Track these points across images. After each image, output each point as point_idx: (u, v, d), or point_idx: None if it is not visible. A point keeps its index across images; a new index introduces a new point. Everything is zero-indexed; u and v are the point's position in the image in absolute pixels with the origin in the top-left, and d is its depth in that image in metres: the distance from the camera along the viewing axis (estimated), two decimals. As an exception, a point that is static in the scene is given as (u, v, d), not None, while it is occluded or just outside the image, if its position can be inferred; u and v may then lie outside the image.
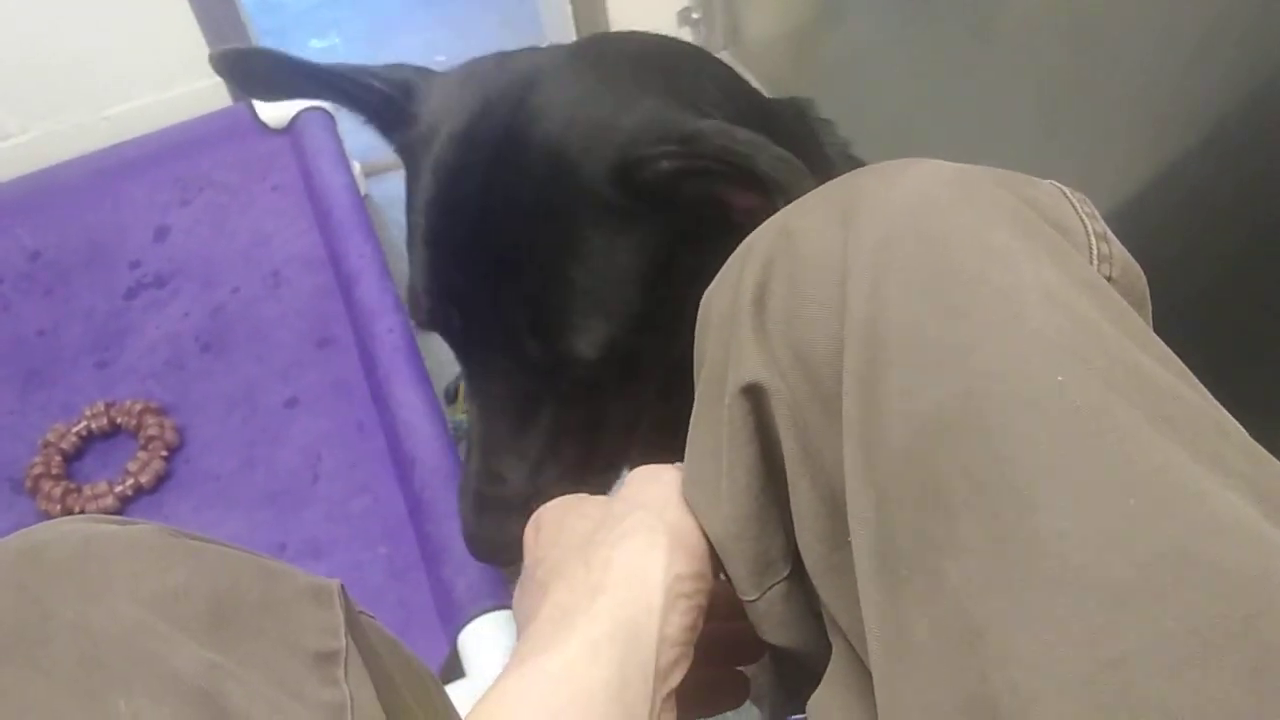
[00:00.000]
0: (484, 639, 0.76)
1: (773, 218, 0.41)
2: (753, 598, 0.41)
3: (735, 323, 0.39)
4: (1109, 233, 0.38)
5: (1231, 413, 0.33)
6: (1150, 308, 0.40)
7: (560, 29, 1.52)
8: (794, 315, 0.37)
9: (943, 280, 0.33)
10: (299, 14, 1.99)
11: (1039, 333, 0.31)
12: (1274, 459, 0.30)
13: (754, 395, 0.38)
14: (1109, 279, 0.37)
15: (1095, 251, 0.38)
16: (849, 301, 0.35)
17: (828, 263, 0.37)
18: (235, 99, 1.37)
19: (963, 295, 0.32)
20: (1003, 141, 1.02)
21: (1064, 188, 0.40)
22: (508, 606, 0.79)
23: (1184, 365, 0.33)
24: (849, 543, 0.33)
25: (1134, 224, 0.90)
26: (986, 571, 0.28)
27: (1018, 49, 0.98)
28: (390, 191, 1.49)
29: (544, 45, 0.64)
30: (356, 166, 1.41)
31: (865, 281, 0.34)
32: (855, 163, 0.72)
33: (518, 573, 0.48)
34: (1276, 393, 0.82)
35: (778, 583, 0.41)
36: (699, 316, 0.43)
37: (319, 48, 1.89)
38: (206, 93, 1.37)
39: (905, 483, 0.31)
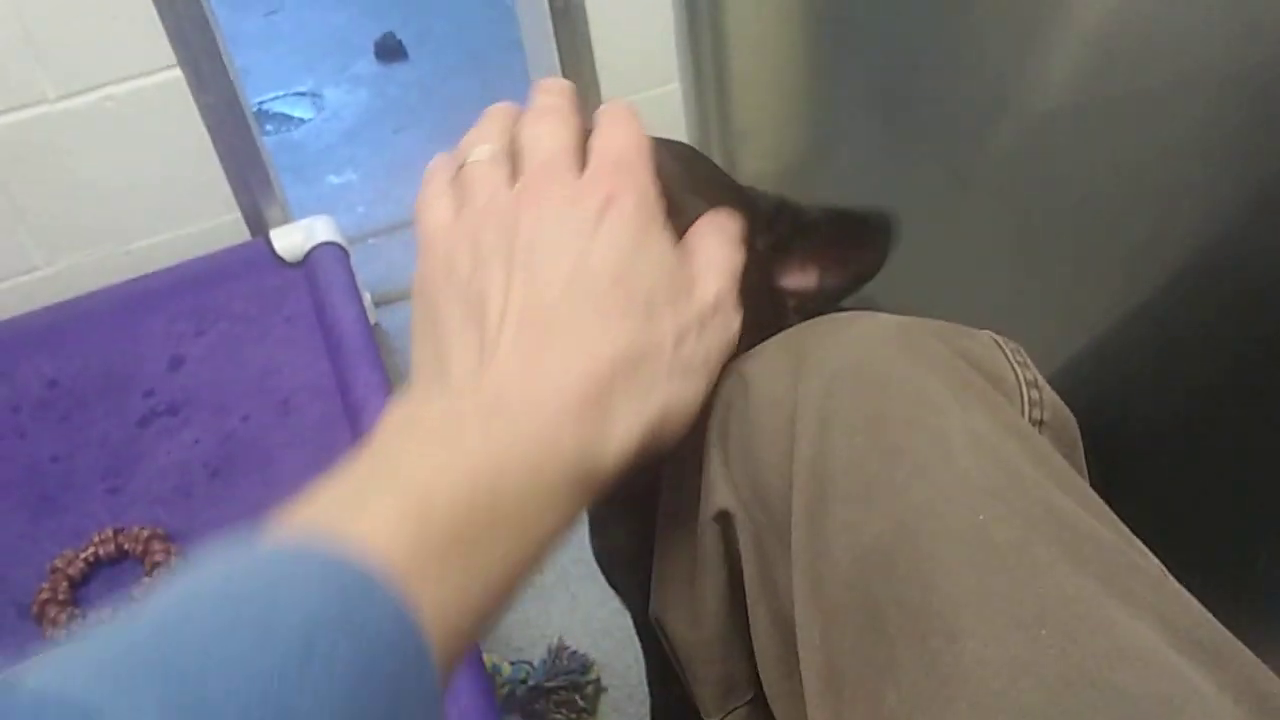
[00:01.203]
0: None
1: (730, 364, 0.44)
2: (716, 719, 0.43)
3: (708, 456, 0.42)
4: (1040, 380, 0.42)
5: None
6: (1082, 449, 0.43)
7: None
8: (750, 452, 0.40)
9: (882, 423, 0.36)
10: (317, 152, 2.08)
11: (965, 474, 0.34)
12: (1184, 593, 0.33)
13: (723, 522, 0.41)
14: (1040, 423, 0.40)
15: (1026, 398, 0.41)
16: (798, 441, 0.38)
17: (779, 406, 0.40)
18: (254, 234, 1.43)
19: (899, 437, 0.36)
20: (984, 281, 1.06)
21: (999, 338, 0.43)
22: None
23: (1104, 506, 0.36)
24: (799, 670, 0.36)
25: (1109, 358, 0.93)
26: (917, 696, 0.31)
27: (996, 193, 1.03)
28: (400, 320, 1.54)
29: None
30: (368, 296, 1.46)
31: (812, 423, 0.38)
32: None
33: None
34: (1255, 517, 0.84)
35: (740, 706, 0.43)
36: (676, 449, 0.46)
37: (336, 183, 1.97)
38: (226, 227, 1.43)
39: (848, 610, 0.34)
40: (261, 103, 2.27)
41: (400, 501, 0.32)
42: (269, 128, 2.18)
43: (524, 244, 0.36)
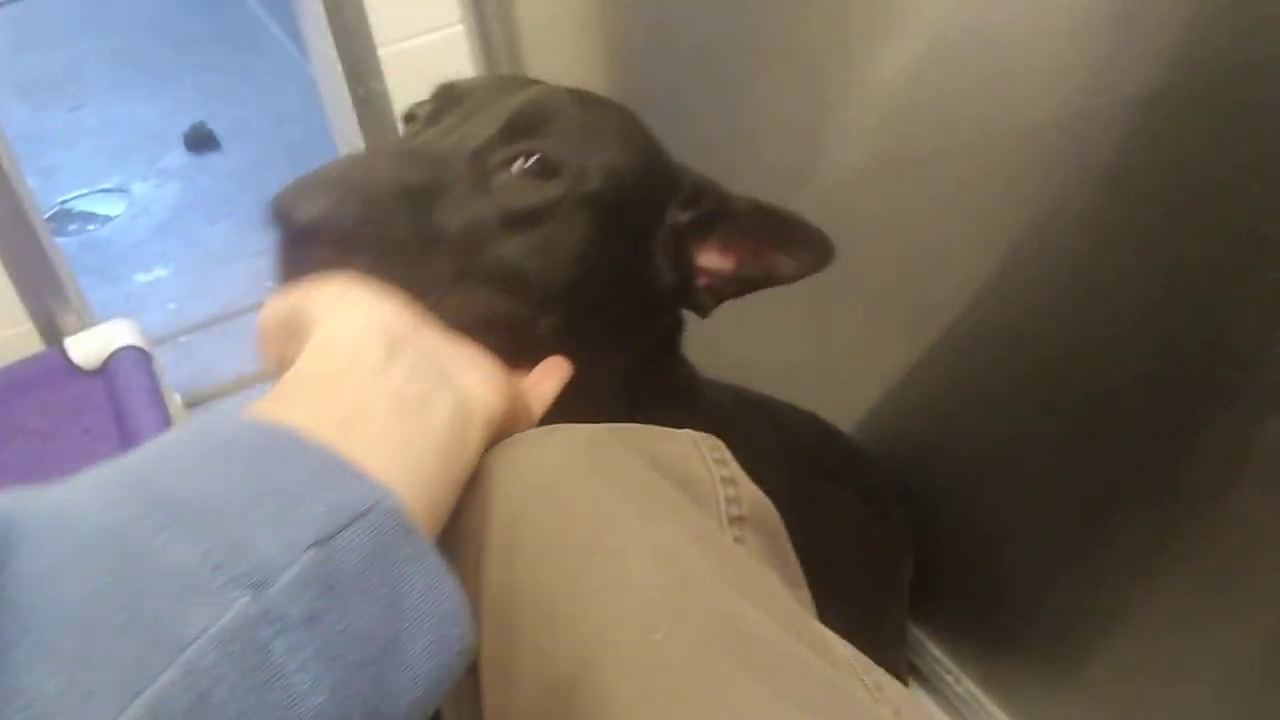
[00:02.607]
0: None
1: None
2: None
3: None
4: (739, 475, 0.42)
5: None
6: (785, 534, 0.44)
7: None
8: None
9: (562, 550, 0.37)
10: (125, 249, 2.00)
11: (643, 592, 0.34)
12: (853, 692, 0.33)
13: None
14: (740, 518, 0.41)
15: (721, 496, 0.41)
16: (484, 574, 0.38)
17: (469, 541, 0.40)
18: (48, 344, 1.36)
19: (579, 562, 0.36)
20: (783, 340, 1.09)
21: (698, 437, 0.44)
22: None
23: (792, 603, 0.36)
24: None
25: (902, 408, 0.97)
26: None
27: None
28: (214, 422, 1.48)
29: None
30: (177, 398, 1.40)
31: (498, 555, 0.38)
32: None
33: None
34: (1043, 560, 0.88)
35: None
36: None
37: (145, 281, 1.89)
38: (19, 338, 1.35)
39: None
40: (65, 201, 2.18)
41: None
42: (72, 227, 2.09)
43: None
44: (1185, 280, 0.64)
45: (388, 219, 0.48)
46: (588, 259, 0.55)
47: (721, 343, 1.19)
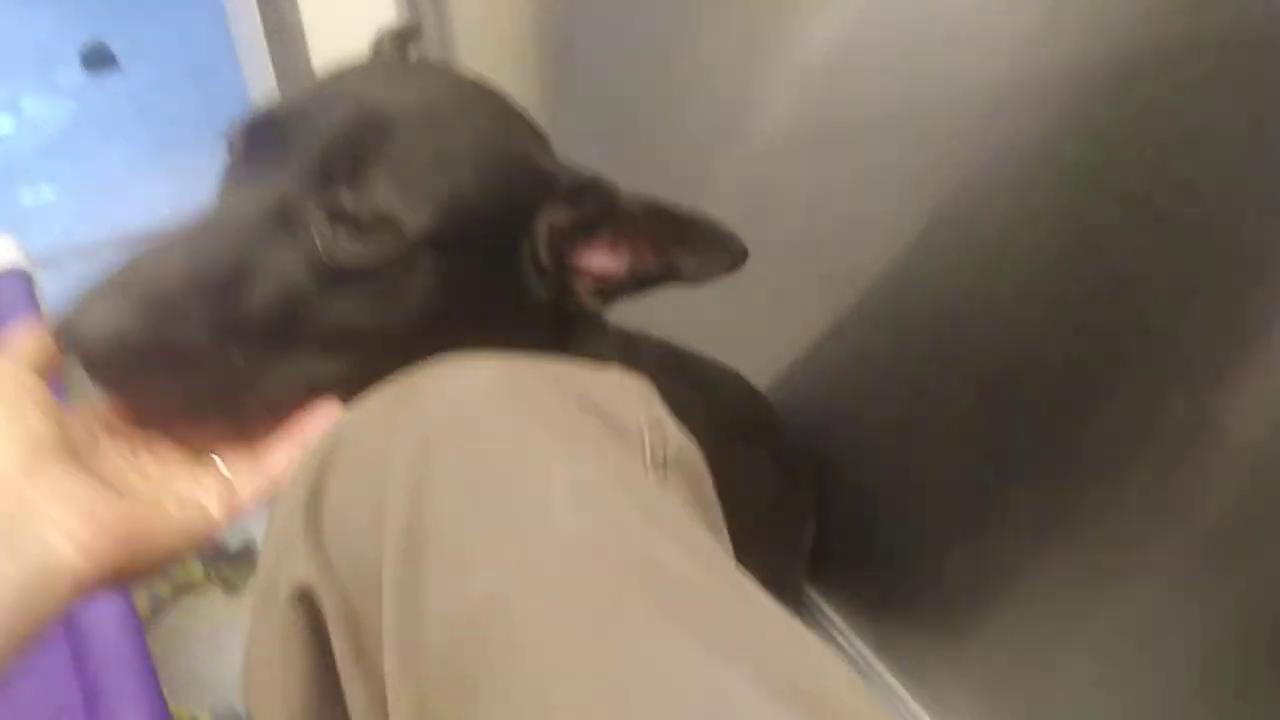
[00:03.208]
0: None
1: (330, 425, 0.41)
2: None
3: (289, 526, 0.39)
4: (665, 418, 0.41)
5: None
6: (711, 480, 0.43)
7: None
8: (343, 518, 0.37)
9: (479, 482, 0.34)
10: (11, 166, 1.89)
11: (561, 533, 0.32)
12: (793, 640, 0.32)
13: (305, 599, 0.38)
14: (664, 461, 0.39)
15: (647, 439, 0.39)
16: (390, 502, 0.35)
17: (376, 464, 0.37)
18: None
19: (496, 495, 0.34)
20: (695, 302, 1.08)
21: (627, 378, 0.42)
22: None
23: (715, 546, 0.35)
24: None
25: (812, 373, 0.97)
26: None
27: (720, 216, 1.05)
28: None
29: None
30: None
31: (406, 483, 0.35)
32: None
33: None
34: (940, 526, 0.89)
35: None
36: (265, 527, 0.43)
37: (30, 201, 1.79)
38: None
39: (440, 688, 0.31)
40: (-54, 112, 2.05)
41: None
42: (-47, 140, 1.97)
43: None
44: (1103, 256, 0.65)
45: (180, 324, 0.44)
46: (432, 300, 0.50)
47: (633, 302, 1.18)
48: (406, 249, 0.48)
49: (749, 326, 1.05)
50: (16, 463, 0.38)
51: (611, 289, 0.58)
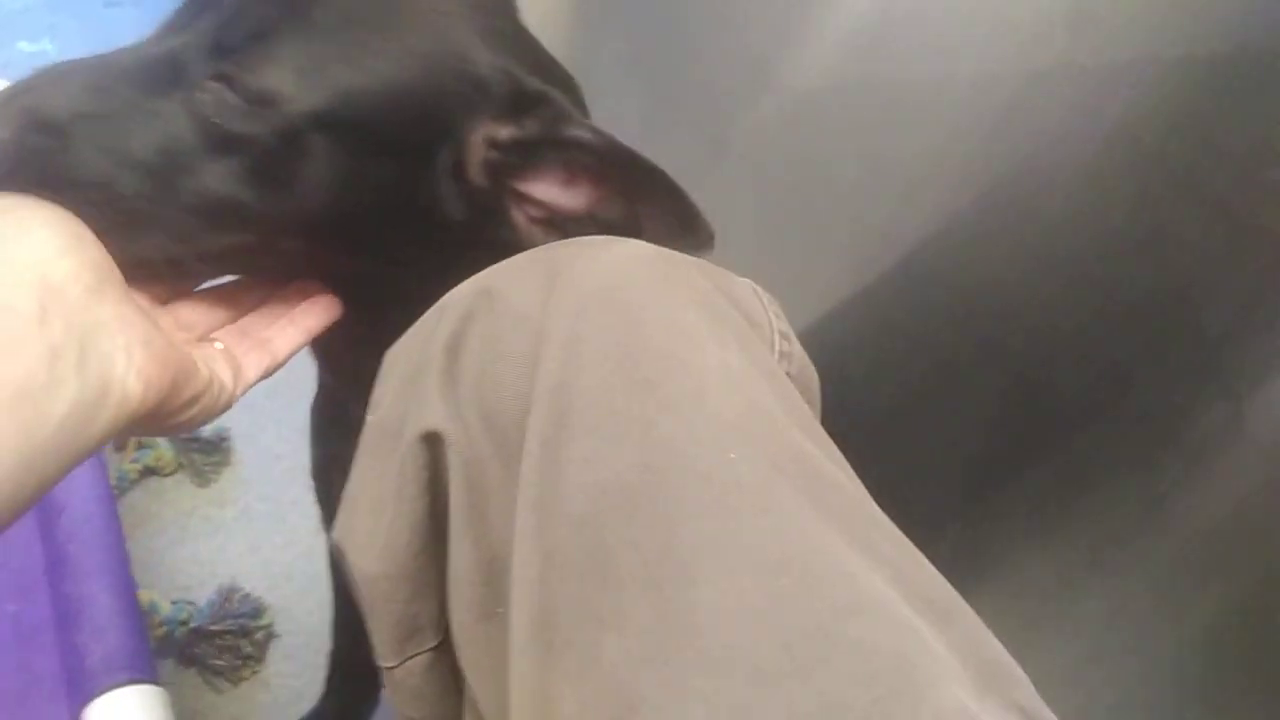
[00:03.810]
0: (113, 716, 0.68)
1: (473, 279, 0.40)
2: (391, 664, 0.39)
3: (422, 372, 0.38)
4: (791, 334, 0.41)
5: (899, 517, 0.35)
6: (820, 407, 0.43)
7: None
8: (485, 371, 0.36)
9: (633, 353, 0.33)
10: (9, 14, 1.82)
11: (717, 412, 0.32)
12: (915, 549, 0.32)
13: (432, 445, 0.37)
14: (787, 375, 0.39)
15: (777, 348, 0.39)
16: (541, 364, 0.34)
17: (526, 324, 0.36)
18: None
19: (651, 369, 0.33)
20: (721, 250, 1.07)
21: (756, 287, 0.42)
22: (146, 681, 0.71)
23: (844, 459, 0.35)
24: (498, 614, 0.33)
25: (830, 339, 0.96)
26: (644, 646, 0.28)
27: (748, 166, 1.03)
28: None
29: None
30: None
31: (560, 346, 0.34)
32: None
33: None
34: (939, 505, 0.89)
35: (421, 653, 0.39)
36: (382, 368, 0.41)
37: (28, 50, 1.73)
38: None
39: (575, 551, 0.31)
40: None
41: None
42: (-49, -21, 1.89)
43: None
44: (1171, 256, 0.64)
45: (65, 149, 0.44)
46: (321, 189, 0.48)
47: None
48: (287, 125, 0.46)
49: (763, 285, 1.04)
50: (85, 283, 0.38)
51: (561, 223, 0.52)
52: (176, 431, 0.44)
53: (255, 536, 1.10)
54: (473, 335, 0.37)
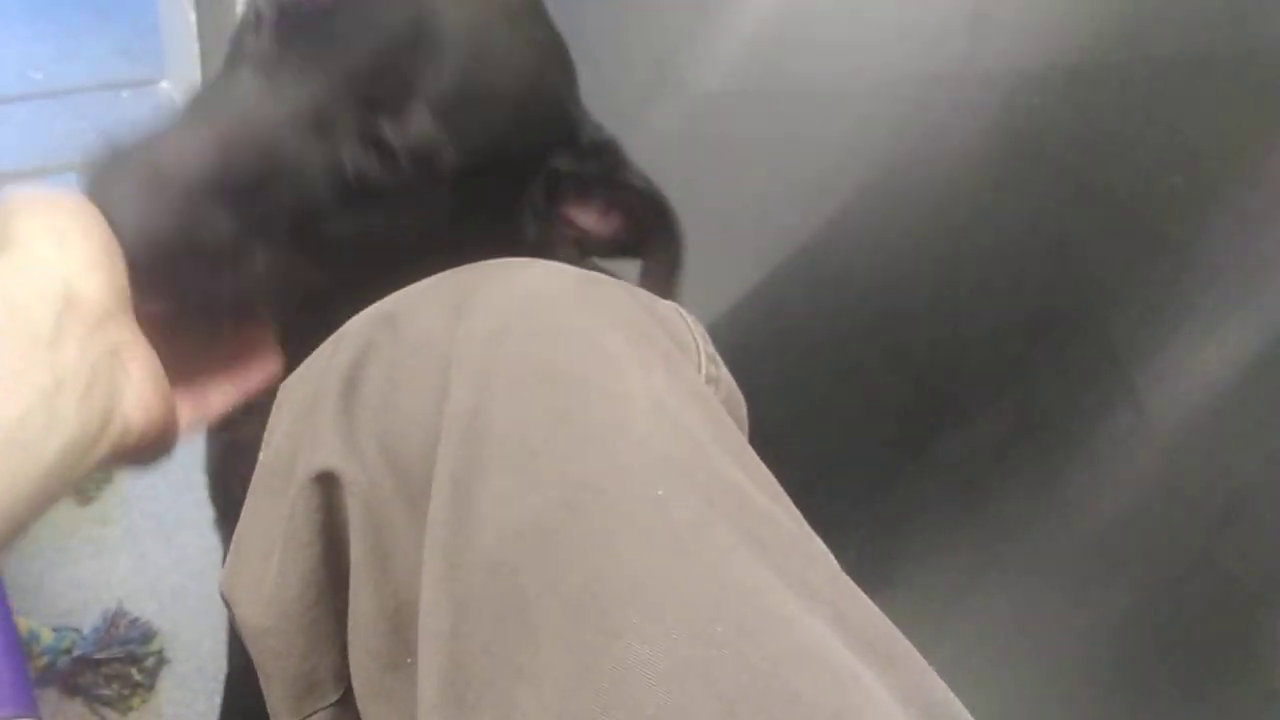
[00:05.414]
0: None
1: (374, 304, 0.38)
2: None
3: (316, 405, 0.35)
4: (718, 358, 0.39)
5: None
6: (748, 434, 0.41)
7: (186, 67, 1.41)
8: (388, 401, 0.34)
9: (551, 381, 0.31)
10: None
11: (643, 443, 0.30)
12: (853, 586, 0.31)
13: (326, 486, 0.34)
14: (717, 395, 0.37)
15: (704, 371, 0.38)
16: (451, 392, 0.32)
17: (432, 351, 0.34)
18: None
19: (570, 399, 0.31)
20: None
21: (681, 309, 0.40)
22: (26, 716, 0.66)
23: (779, 488, 0.33)
24: (408, 664, 0.30)
25: (737, 346, 0.95)
26: (564, 703, 0.26)
27: (647, 167, 1.02)
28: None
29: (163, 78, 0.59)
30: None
31: (470, 374, 0.32)
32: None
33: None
34: (844, 511, 0.89)
35: (322, 709, 0.37)
36: (276, 401, 0.39)
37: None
38: None
39: (488, 598, 0.28)
40: None
41: None
42: None
43: None
44: (1074, 258, 0.65)
45: (205, 221, 0.42)
46: (440, 225, 0.50)
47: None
48: (439, 178, 0.47)
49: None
50: (106, 303, 0.37)
51: (590, 246, 0.58)
52: (143, 462, 0.42)
53: (142, 556, 1.05)
54: (373, 364, 0.35)
